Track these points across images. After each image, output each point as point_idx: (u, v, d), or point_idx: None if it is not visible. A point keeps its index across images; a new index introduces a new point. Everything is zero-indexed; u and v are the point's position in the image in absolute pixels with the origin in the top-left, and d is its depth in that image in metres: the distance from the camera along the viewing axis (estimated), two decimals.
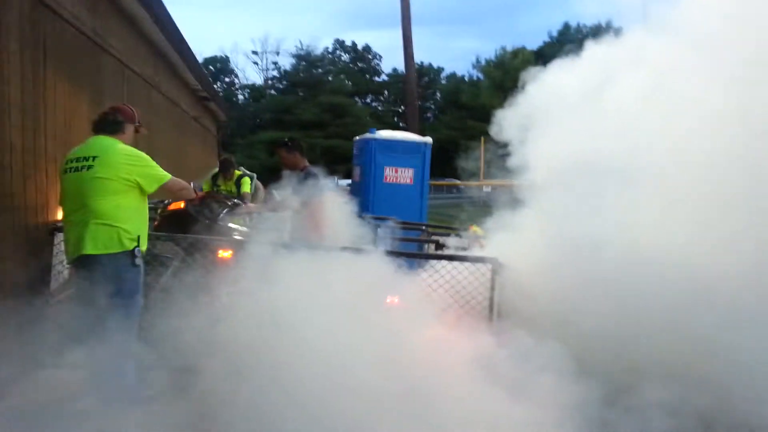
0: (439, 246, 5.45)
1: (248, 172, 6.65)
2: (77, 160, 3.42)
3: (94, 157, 3.38)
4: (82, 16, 4.93)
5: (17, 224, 3.78)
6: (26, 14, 3.90)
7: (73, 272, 3.56)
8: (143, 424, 3.11)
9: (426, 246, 6.29)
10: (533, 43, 52.08)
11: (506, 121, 5.08)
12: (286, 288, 3.84)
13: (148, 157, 3.54)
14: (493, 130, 5.28)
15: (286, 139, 5.05)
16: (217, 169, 6.80)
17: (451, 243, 5.52)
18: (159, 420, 3.15)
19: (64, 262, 3.88)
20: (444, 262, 4.44)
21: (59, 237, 4.06)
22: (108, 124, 3.55)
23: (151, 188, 3.49)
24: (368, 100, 53.34)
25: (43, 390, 3.56)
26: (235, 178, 6.61)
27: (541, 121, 4.83)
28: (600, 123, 4.38)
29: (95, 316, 3.22)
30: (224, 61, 50.35)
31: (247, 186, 6.37)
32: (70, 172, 3.41)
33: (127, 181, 3.39)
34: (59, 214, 3.96)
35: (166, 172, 3.57)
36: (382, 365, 3.28)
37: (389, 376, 3.22)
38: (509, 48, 41.55)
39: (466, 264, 4.39)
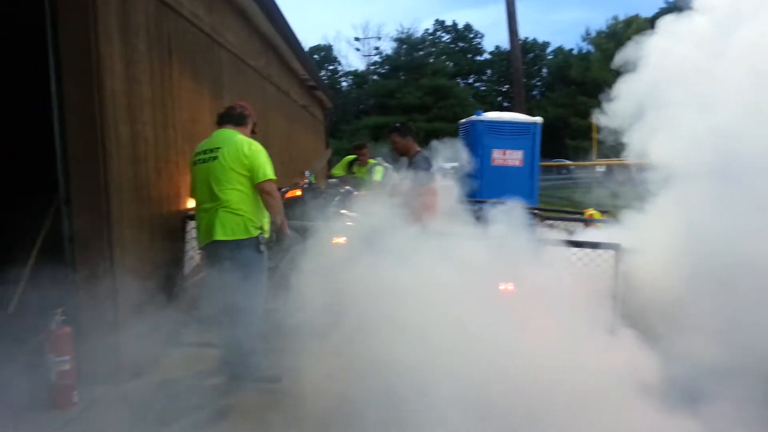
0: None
1: (384, 163, 6.66)
2: (205, 152, 3.64)
3: (219, 148, 3.58)
4: (200, 14, 5.18)
5: (153, 213, 4.07)
6: (152, 15, 4.15)
7: (204, 257, 3.79)
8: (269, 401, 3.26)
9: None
10: (648, 11, 48.26)
11: (622, 98, 4.72)
12: (397, 275, 3.85)
13: (264, 152, 3.67)
14: (608, 109, 4.93)
15: (398, 124, 5.03)
16: (353, 156, 6.89)
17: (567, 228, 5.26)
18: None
19: (196, 248, 4.13)
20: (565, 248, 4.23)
21: (190, 224, 4.34)
22: (233, 117, 3.76)
23: (255, 178, 3.58)
24: (471, 81, 52.36)
25: (178, 367, 3.84)
26: (369, 165, 6.65)
27: (663, 95, 4.42)
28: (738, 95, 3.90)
29: (224, 298, 3.42)
30: (328, 49, 51.52)
31: (378, 175, 6.37)
32: (199, 163, 3.64)
33: (247, 168, 3.56)
34: (190, 204, 4.21)
35: (272, 174, 3.65)
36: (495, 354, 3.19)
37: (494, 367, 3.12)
38: (621, 17, 38.89)
39: (587, 250, 4.15)
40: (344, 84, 50.65)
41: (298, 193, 4.65)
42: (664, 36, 4.66)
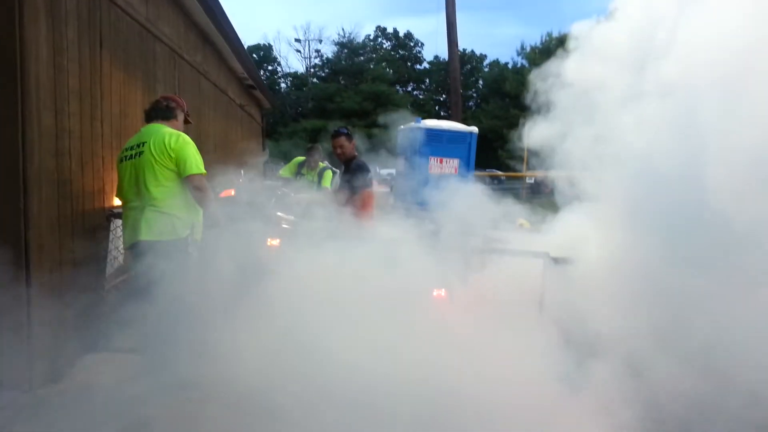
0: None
1: (332, 167, 6.55)
2: (131, 148, 3.48)
3: (145, 143, 3.43)
4: (134, 4, 4.98)
5: (75, 209, 3.86)
6: (83, 1, 3.95)
7: (129, 258, 3.61)
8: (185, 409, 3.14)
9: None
10: None
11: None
12: (328, 277, 3.83)
13: (192, 144, 3.52)
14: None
15: (344, 128, 5.03)
16: (303, 157, 6.75)
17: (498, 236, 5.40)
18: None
19: (120, 248, 3.95)
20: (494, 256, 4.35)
21: (116, 223, 4.14)
22: (160, 111, 3.61)
23: (183, 172, 3.41)
24: (410, 89, 52.98)
25: (97, 373, 3.65)
26: (318, 168, 6.56)
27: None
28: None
29: (147, 302, 3.27)
30: (268, 49, 50.74)
31: (328, 180, 6.28)
32: (126, 160, 3.48)
33: (174, 162, 3.40)
34: (115, 201, 4.02)
35: (203, 168, 3.49)
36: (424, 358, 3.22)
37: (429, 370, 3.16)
38: (555, 33, 40.54)
39: (517, 258, 4.29)
40: (284, 85, 50.05)
41: (232, 192, 4.54)
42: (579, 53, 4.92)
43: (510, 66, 48.26)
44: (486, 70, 51.95)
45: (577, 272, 4.17)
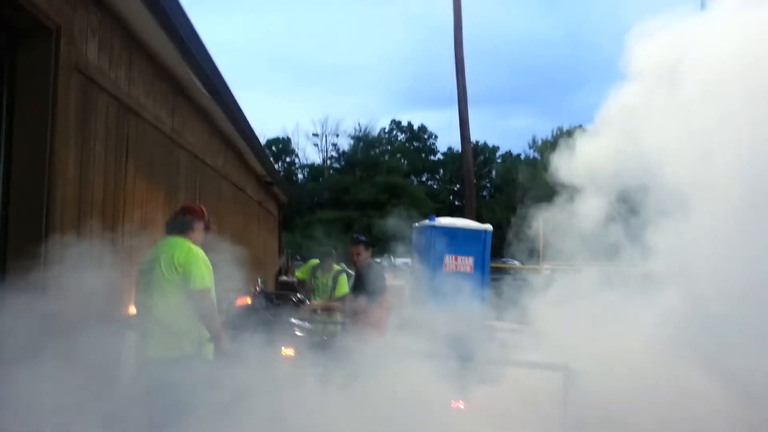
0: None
1: (347, 270, 6.54)
2: (147, 262, 3.54)
3: (158, 258, 3.49)
4: (162, 116, 5.24)
5: (92, 315, 3.85)
6: (112, 119, 4.16)
7: (140, 371, 3.57)
8: None
9: None
10: (590, 122, 51.94)
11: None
12: (348, 388, 3.74)
13: (204, 260, 3.54)
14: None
15: (364, 237, 5.14)
16: (317, 260, 6.78)
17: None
18: None
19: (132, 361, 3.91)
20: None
21: (130, 335, 4.12)
22: (177, 225, 3.68)
23: (188, 284, 3.41)
24: (424, 179, 54.03)
25: None
26: (333, 272, 6.54)
27: None
28: None
29: (152, 416, 3.18)
30: (286, 141, 52.57)
31: (344, 287, 6.21)
32: (141, 274, 3.53)
33: (181, 277, 3.42)
34: (132, 310, 4.03)
35: (208, 284, 3.48)
36: None
37: None
38: (566, 127, 41.67)
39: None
40: (300, 176, 51.38)
41: (248, 301, 4.55)
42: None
43: (522, 158, 49.28)
44: (499, 161, 53.07)
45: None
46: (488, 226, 9.04)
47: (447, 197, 49.21)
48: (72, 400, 3.05)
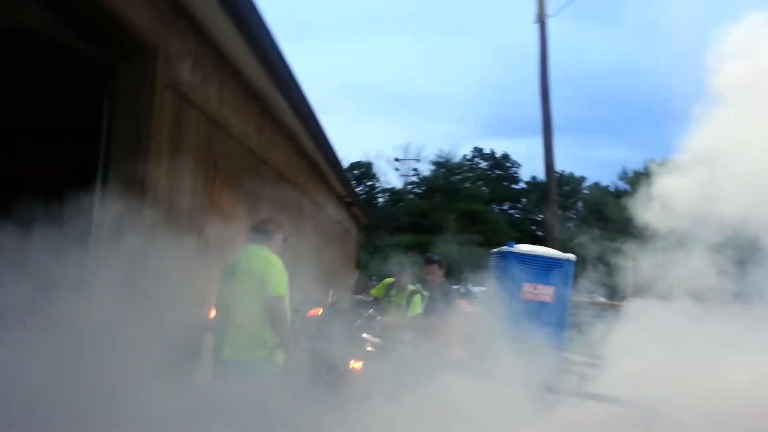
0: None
1: (422, 290, 6.52)
2: (229, 267, 3.69)
3: (238, 264, 3.62)
4: (249, 133, 5.50)
5: (178, 317, 4.05)
6: (203, 136, 4.41)
7: (216, 371, 3.70)
8: None
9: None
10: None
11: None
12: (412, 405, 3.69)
13: (281, 268, 3.64)
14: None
15: (438, 257, 5.13)
16: (392, 279, 6.82)
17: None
18: None
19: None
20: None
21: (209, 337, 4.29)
22: (259, 233, 3.81)
23: (265, 291, 3.50)
24: (505, 207, 53.13)
25: None
26: (407, 292, 6.52)
27: None
28: None
29: (227, 418, 3.27)
30: (368, 166, 53.52)
31: (417, 306, 6.17)
32: (223, 279, 3.68)
33: (258, 284, 3.52)
34: (212, 314, 4.20)
35: (283, 291, 3.57)
36: None
37: None
38: (657, 159, 39.72)
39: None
40: (381, 200, 51.99)
41: (320, 312, 4.62)
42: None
43: (611, 189, 47.42)
44: (586, 192, 51.32)
45: None
46: (571, 256, 8.70)
47: (529, 227, 48.01)
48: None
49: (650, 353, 4.51)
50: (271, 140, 6.30)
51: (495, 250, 9.29)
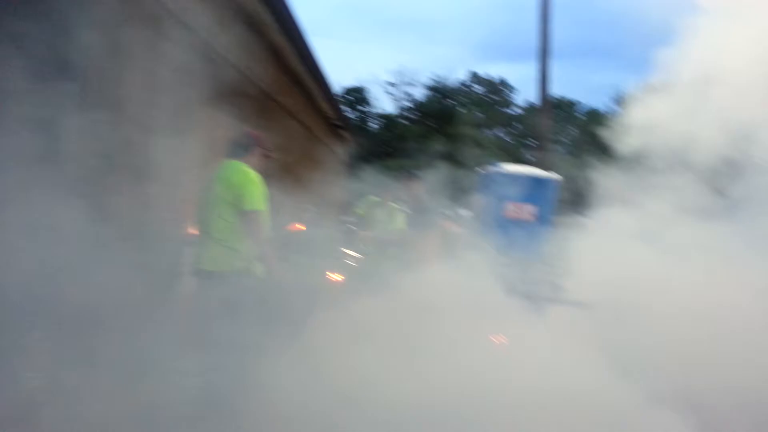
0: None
1: (404, 209, 6.63)
2: (207, 181, 3.75)
3: (216, 179, 3.69)
4: (232, 50, 5.40)
5: (156, 231, 4.15)
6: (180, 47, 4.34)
7: (196, 283, 3.84)
8: None
9: None
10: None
11: None
12: (390, 316, 3.87)
13: (258, 183, 3.65)
14: None
15: (416, 172, 5.17)
16: (376, 197, 6.90)
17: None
18: None
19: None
20: None
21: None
22: (235, 148, 3.82)
23: (240, 207, 3.55)
24: (500, 133, 52.73)
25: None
26: (391, 209, 6.62)
27: None
28: None
29: (203, 327, 3.44)
30: (361, 90, 52.51)
31: (400, 223, 6.32)
32: (202, 193, 3.75)
33: (235, 197, 3.57)
34: (192, 228, 4.30)
35: (261, 206, 3.59)
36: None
37: None
38: (649, 80, 39.06)
39: None
40: (374, 126, 51.40)
41: (302, 228, 4.74)
42: None
43: (605, 114, 46.95)
44: (581, 117, 50.82)
45: None
46: (555, 175, 8.79)
47: (521, 153, 47.88)
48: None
49: (624, 261, 4.72)
50: (254, 58, 6.19)
51: (481, 170, 9.38)
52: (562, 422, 3.10)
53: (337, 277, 4.47)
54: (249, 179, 3.63)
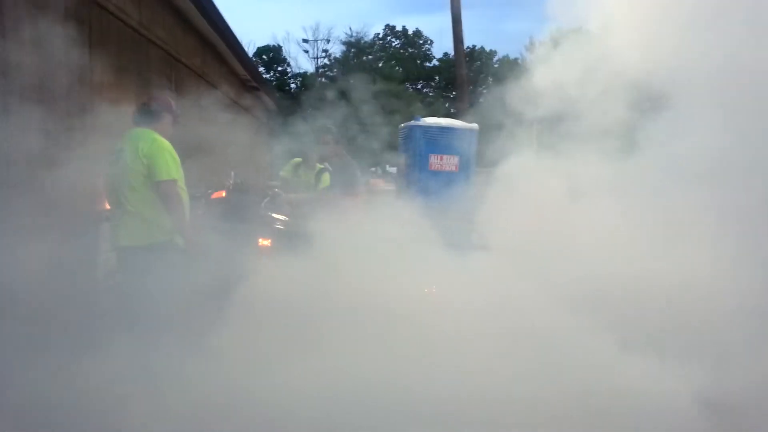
0: None
1: (329, 167, 6.54)
2: (114, 153, 3.52)
3: (124, 149, 3.47)
4: (127, 9, 5.03)
5: (69, 211, 3.90)
6: (72, 10, 3.99)
7: (116, 260, 3.67)
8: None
9: None
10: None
11: None
12: (322, 274, 3.86)
13: (170, 151, 3.49)
14: None
15: (334, 129, 5.09)
16: (300, 159, 6.75)
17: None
18: None
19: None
20: None
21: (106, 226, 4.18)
22: (143, 115, 3.61)
23: (152, 177, 3.39)
24: (419, 86, 52.91)
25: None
26: (316, 170, 6.53)
27: None
28: None
29: (128, 305, 3.30)
30: (277, 50, 50.91)
31: (327, 181, 6.25)
32: (111, 165, 3.52)
33: (146, 167, 3.40)
34: (106, 204, 4.07)
35: (174, 175, 3.45)
36: None
37: None
38: (565, 28, 40.20)
39: None
40: (293, 86, 50.19)
41: (223, 194, 4.59)
42: None
43: (519, 62, 47.93)
44: (496, 66, 51.70)
45: None
46: (474, 125, 8.92)
47: (443, 105, 48.37)
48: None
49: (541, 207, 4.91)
50: (154, 17, 5.81)
51: (402, 125, 9.39)
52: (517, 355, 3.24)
53: (265, 242, 4.38)
54: (160, 148, 3.44)
